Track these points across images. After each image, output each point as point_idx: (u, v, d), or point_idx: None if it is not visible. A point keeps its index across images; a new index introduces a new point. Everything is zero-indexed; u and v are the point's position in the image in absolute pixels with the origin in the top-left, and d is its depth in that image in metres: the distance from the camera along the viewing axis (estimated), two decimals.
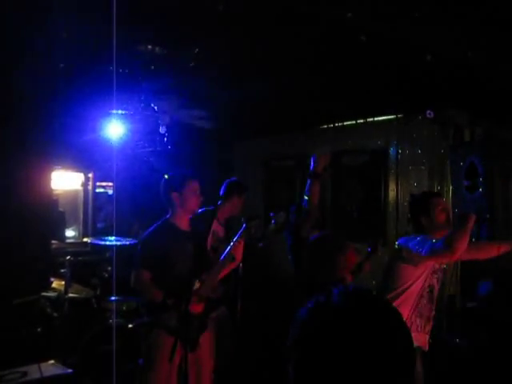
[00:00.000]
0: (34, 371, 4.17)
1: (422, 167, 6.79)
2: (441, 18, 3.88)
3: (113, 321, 5.72)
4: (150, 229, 4.29)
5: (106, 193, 8.89)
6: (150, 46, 4.78)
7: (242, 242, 4.24)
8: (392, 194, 7.07)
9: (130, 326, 5.40)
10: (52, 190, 4.32)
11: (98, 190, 8.65)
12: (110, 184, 8.75)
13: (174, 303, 3.98)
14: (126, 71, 5.14)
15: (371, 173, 7.36)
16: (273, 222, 4.78)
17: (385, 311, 1.37)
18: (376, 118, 7.35)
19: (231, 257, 4.20)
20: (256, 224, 4.39)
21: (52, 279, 5.82)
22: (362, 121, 7.55)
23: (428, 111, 6.32)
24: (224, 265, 4.23)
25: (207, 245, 4.56)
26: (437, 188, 6.68)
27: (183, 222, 4.32)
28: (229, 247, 4.22)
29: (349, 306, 1.35)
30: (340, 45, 4.70)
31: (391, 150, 7.12)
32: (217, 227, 5.34)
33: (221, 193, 5.57)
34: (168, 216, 4.33)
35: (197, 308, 4.10)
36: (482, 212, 5.91)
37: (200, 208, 4.52)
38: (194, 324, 4.08)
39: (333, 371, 1.28)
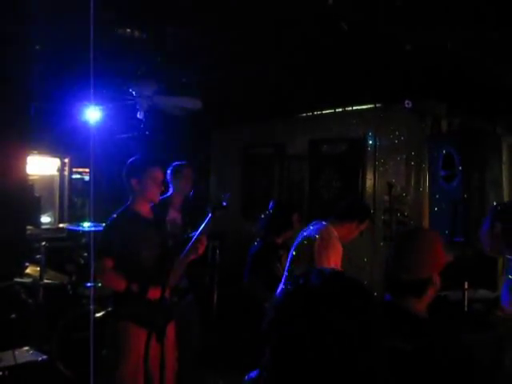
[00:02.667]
0: (7, 357, 4.14)
1: (400, 157, 6.82)
2: (421, 8, 3.89)
3: (91, 307, 5.67)
4: (112, 217, 4.12)
5: (83, 179, 8.81)
6: (128, 30, 4.72)
7: (205, 235, 4.19)
8: (370, 182, 7.10)
9: (98, 315, 5.33)
10: (27, 174, 4.24)
11: (74, 177, 8.56)
12: (87, 170, 8.67)
13: (139, 291, 3.92)
14: (105, 55, 5.07)
15: (349, 161, 7.39)
16: (224, 203, 4.57)
17: (358, 292, 1.39)
18: (355, 107, 7.37)
19: (195, 248, 4.14)
20: (221, 213, 4.34)
21: (27, 265, 5.76)
22: (340, 109, 7.56)
23: (406, 101, 6.35)
24: (188, 256, 4.17)
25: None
26: (414, 177, 6.73)
27: (145, 209, 4.17)
28: (193, 239, 4.17)
29: (325, 287, 1.37)
30: (320, 32, 4.69)
31: (369, 139, 7.14)
32: (174, 214, 5.28)
33: (168, 179, 5.41)
34: (129, 203, 4.17)
35: (154, 293, 3.99)
36: (458, 202, 5.98)
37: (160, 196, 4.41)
38: (160, 313, 4.03)
39: (310, 352, 1.29)
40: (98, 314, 5.26)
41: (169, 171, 5.42)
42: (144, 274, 3.93)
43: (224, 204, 4.43)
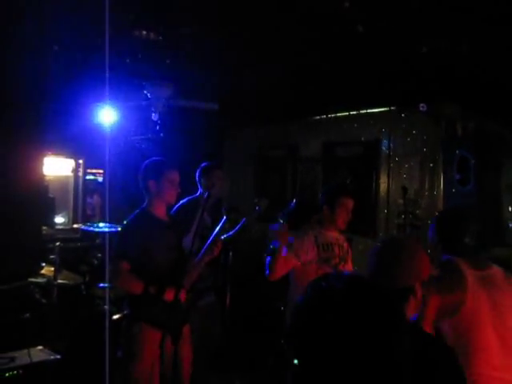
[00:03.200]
0: (22, 356, 4.16)
1: (414, 160, 6.79)
2: (437, 10, 3.87)
3: (106, 308, 5.69)
4: (128, 219, 4.13)
5: (96, 180, 8.85)
6: (144, 32, 4.75)
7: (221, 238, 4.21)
8: (383, 186, 7.07)
9: (114, 317, 5.35)
10: (44, 175, 4.27)
11: (87, 178, 8.60)
12: (100, 171, 8.72)
13: (156, 293, 3.92)
14: (120, 57, 5.11)
15: (363, 164, 7.36)
16: (257, 208, 4.61)
17: (378, 295, 1.40)
18: (369, 110, 7.34)
19: (211, 250, 4.16)
20: (236, 216, 4.35)
21: (43, 265, 5.79)
22: (354, 112, 7.54)
23: (421, 104, 6.32)
24: (204, 258, 4.18)
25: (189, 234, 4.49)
26: (428, 181, 6.69)
27: (160, 212, 4.16)
28: (209, 241, 4.18)
29: (346, 291, 1.37)
30: (335, 35, 4.69)
31: (383, 142, 7.11)
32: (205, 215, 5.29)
33: (196, 179, 5.37)
34: (145, 205, 4.16)
35: (170, 295, 3.98)
36: (473, 205, 5.95)
37: (177, 199, 4.41)
38: (178, 315, 4.03)
39: (334, 356, 1.29)
40: (114, 317, 5.27)
41: (198, 171, 5.41)
42: (160, 275, 3.92)
43: (257, 208, 4.48)
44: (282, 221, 4.25)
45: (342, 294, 1.35)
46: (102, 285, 5.94)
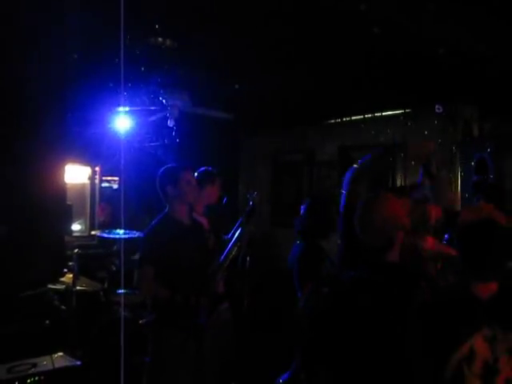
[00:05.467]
0: (43, 362, 4.18)
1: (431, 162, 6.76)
2: (454, 11, 3.86)
3: (121, 314, 5.71)
4: (152, 225, 4.17)
5: (111, 187, 8.88)
6: (160, 39, 4.76)
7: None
8: None
9: (141, 321, 5.38)
10: (65, 183, 4.32)
11: (102, 185, 8.63)
12: (115, 178, 8.74)
13: (183, 299, 3.93)
14: (136, 64, 5.13)
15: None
16: (251, 203, 4.53)
17: (390, 295, 1.41)
18: (384, 113, 7.33)
19: (232, 254, 4.17)
20: (255, 219, 4.35)
21: (65, 271, 5.82)
22: (370, 115, 7.53)
23: (437, 106, 6.30)
24: (226, 262, 4.20)
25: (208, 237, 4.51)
26: None
27: (183, 215, 4.21)
28: (231, 244, 4.19)
29: (355, 288, 1.39)
30: (351, 37, 4.68)
31: (399, 145, 7.10)
32: (200, 219, 5.26)
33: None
34: (166, 210, 4.21)
35: (196, 300, 4.01)
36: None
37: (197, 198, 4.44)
38: (204, 320, 4.04)
39: (348, 353, 1.30)
40: (140, 321, 5.29)
41: (197, 177, 5.40)
42: (185, 280, 3.94)
43: (251, 204, 4.44)
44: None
45: (348, 296, 1.36)
46: (120, 291, 5.96)
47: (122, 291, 5.88)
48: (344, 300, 1.39)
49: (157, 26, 4.53)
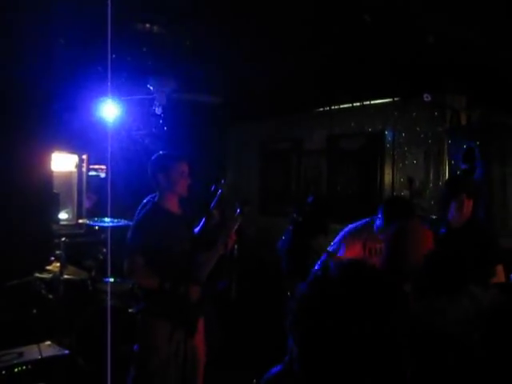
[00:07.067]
0: (30, 352, 4.16)
1: (419, 151, 6.78)
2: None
3: (108, 302, 5.69)
4: (141, 214, 4.11)
5: (98, 176, 8.83)
6: (147, 25, 4.72)
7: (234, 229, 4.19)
8: (388, 177, 7.07)
9: (130, 310, 5.36)
10: (52, 171, 4.28)
11: (90, 174, 8.58)
12: (103, 167, 8.69)
13: (172, 288, 3.92)
14: (123, 50, 5.08)
15: (368, 156, 7.35)
16: (238, 211, 4.38)
17: (378, 280, 1.39)
18: (373, 102, 7.32)
19: (225, 244, 4.14)
20: (249, 209, 4.32)
21: (52, 259, 5.79)
22: (358, 104, 7.52)
23: (425, 94, 6.28)
24: (218, 251, 4.17)
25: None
26: (434, 171, 6.68)
27: (173, 205, 4.17)
28: (223, 236, 4.16)
29: (346, 277, 1.37)
30: (340, 26, 4.66)
31: (388, 134, 7.11)
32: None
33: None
34: (156, 199, 4.16)
35: (195, 291, 4.02)
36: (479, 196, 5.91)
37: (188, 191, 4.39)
38: (192, 309, 4.04)
39: (337, 342, 1.29)
40: (130, 310, 5.27)
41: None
42: (175, 270, 3.93)
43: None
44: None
45: (336, 282, 1.35)
46: (107, 279, 5.94)
47: (110, 280, 5.87)
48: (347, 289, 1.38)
49: (144, 12, 4.48)
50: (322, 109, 8.07)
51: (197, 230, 4.37)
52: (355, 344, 1.28)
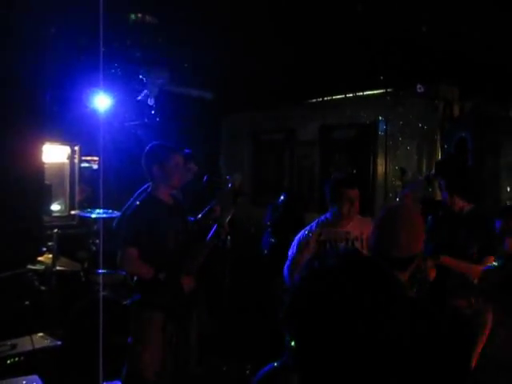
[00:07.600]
0: (23, 343, 4.16)
1: (412, 142, 6.78)
2: None
3: (100, 293, 5.68)
4: (135, 205, 4.10)
5: (91, 167, 8.79)
6: (140, 15, 4.69)
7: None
8: (381, 168, 7.07)
9: (124, 302, 5.35)
10: (43, 162, 4.26)
11: (82, 165, 8.54)
12: (95, 158, 8.65)
13: (166, 278, 3.92)
14: (115, 41, 5.05)
15: (360, 147, 7.35)
16: (229, 185, 4.44)
17: (374, 268, 1.39)
18: (365, 92, 7.31)
19: (219, 234, 4.15)
20: (241, 199, 4.32)
21: (44, 250, 5.78)
22: (351, 95, 7.51)
23: (418, 86, 6.29)
24: (212, 242, 4.17)
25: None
26: (426, 162, 6.69)
27: (166, 196, 4.16)
28: (215, 227, 4.16)
29: (342, 267, 1.36)
30: (333, 16, 4.65)
31: (380, 125, 7.10)
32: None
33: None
34: (150, 190, 4.15)
35: (188, 282, 4.03)
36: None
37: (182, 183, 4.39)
38: (186, 300, 4.05)
39: (333, 333, 1.28)
40: (124, 302, 5.26)
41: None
42: (169, 260, 3.93)
43: (229, 185, 4.39)
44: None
45: (333, 271, 1.34)
46: (100, 271, 5.92)
47: (102, 271, 5.86)
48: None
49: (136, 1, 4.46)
50: (314, 100, 8.05)
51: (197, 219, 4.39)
52: (356, 336, 1.27)
